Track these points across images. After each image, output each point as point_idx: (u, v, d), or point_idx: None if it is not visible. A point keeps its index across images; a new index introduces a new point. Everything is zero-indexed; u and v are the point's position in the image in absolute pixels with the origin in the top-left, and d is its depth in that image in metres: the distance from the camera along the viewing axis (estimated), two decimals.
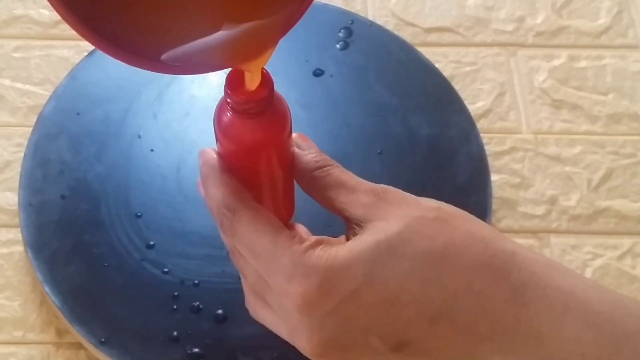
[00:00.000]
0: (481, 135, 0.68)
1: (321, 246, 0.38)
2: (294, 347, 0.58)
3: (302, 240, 0.39)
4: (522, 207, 0.66)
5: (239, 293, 0.59)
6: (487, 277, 0.37)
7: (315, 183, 0.42)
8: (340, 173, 0.41)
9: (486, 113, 0.71)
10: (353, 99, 0.69)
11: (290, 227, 0.42)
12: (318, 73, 0.70)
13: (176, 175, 0.64)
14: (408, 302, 0.37)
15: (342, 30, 0.72)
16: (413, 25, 0.75)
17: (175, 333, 0.57)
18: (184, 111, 0.67)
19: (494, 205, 0.65)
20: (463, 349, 0.38)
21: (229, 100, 0.38)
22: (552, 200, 0.67)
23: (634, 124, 0.71)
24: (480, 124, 0.69)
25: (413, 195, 0.41)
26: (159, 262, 0.60)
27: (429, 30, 0.75)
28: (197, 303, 0.58)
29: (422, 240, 0.38)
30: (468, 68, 0.73)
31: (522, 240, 0.65)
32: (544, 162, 0.69)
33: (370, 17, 0.75)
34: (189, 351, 0.57)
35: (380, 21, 0.74)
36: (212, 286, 0.59)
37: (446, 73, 0.71)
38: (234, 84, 0.38)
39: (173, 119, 0.66)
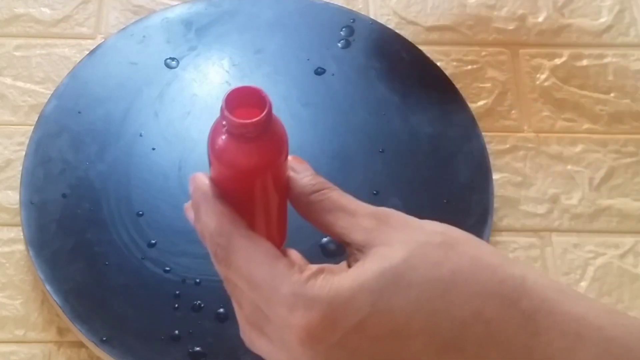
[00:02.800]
0: (483, 133, 0.67)
1: (323, 275, 0.37)
2: None
3: (302, 270, 0.37)
4: (524, 205, 0.66)
5: None
6: (497, 304, 0.36)
7: (312, 207, 0.40)
8: (338, 196, 0.40)
9: (488, 112, 0.71)
10: (355, 98, 0.69)
11: (283, 252, 0.39)
12: (320, 72, 0.70)
13: (177, 174, 0.64)
14: (416, 333, 0.36)
15: (343, 29, 0.72)
16: (414, 23, 0.75)
17: (176, 332, 0.57)
18: (185, 110, 0.67)
19: (496, 203, 0.65)
20: None
21: (224, 122, 0.37)
22: (554, 199, 0.67)
23: (636, 123, 0.71)
24: (482, 123, 0.69)
25: (416, 219, 0.39)
26: (160, 260, 0.60)
27: (431, 29, 0.75)
28: (199, 302, 0.58)
29: (428, 267, 0.36)
30: (470, 67, 0.73)
31: (523, 239, 0.65)
32: (545, 160, 0.68)
33: (371, 16, 0.75)
34: (190, 350, 0.57)
35: (381, 20, 0.74)
36: (214, 285, 0.59)
37: (448, 72, 0.71)
38: (231, 105, 0.37)
39: (174, 118, 0.66)
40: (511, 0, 0.77)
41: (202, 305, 0.58)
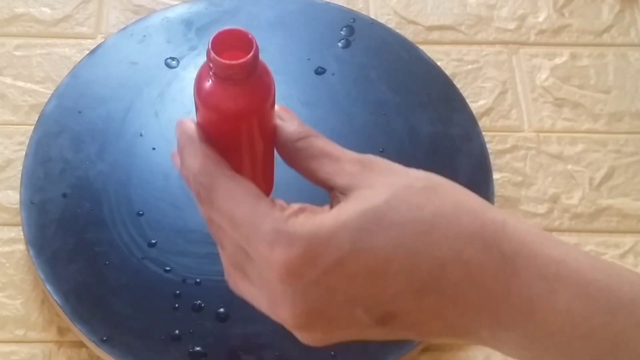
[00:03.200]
0: (483, 133, 0.68)
1: (304, 213, 0.37)
2: (295, 346, 0.58)
3: (283, 208, 0.37)
4: (524, 205, 0.66)
5: None
6: (477, 246, 0.36)
7: (297, 154, 0.40)
8: (323, 143, 0.40)
9: (488, 111, 0.71)
10: (355, 97, 0.69)
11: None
12: (320, 71, 0.70)
13: (178, 174, 0.63)
14: (395, 273, 0.36)
15: (344, 29, 0.72)
16: (415, 23, 0.75)
17: (176, 331, 0.57)
18: (186, 109, 0.67)
19: (496, 203, 0.65)
20: (451, 321, 0.37)
21: (211, 65, 0.37)
22: (554, 199, 0.67)
23: (636, 122, 0.71)
24: (482, 122, 0.69)
25: (400, 165, 0.39)
26: (160, 260, 0.60)
27: (431, 29, 0.75)
28: (199, 301, 0.58)
29: (410, 209, 0.36)
30: (470, 66, 0.73)
31: None
32: (545, 160, 0.69)
33: (372, 16, 0.75)
34: (190, 350, 0.57)
35: (382, 19, 0.74)
36: (214, 284, 0.59)
37: (448, 71, 0.71)
38: (218, 47, 0.37)
39: (175, 117, 0.65)
40: (511, 0, 0.77)
41: (203, 305, 0.58)
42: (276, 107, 0.40)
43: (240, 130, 0.39)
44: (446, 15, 0.76)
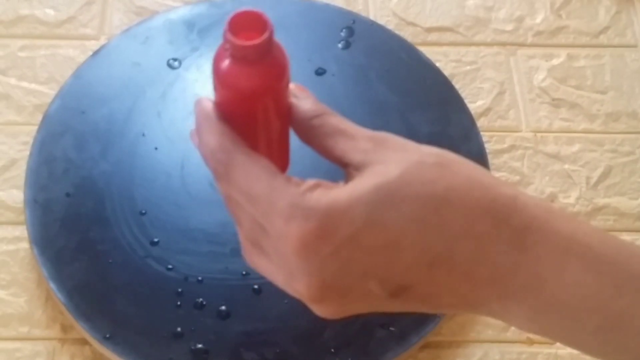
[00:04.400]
0: (481, 133, 0.68)
1: (319, 189, 0.37)
2: (296, 343, 0.58)
3: (299, 184, 0.38)
4: None
5: (242, 289, 0.60)
6: (488, 221, 0.37)
7: (313, 132, 0.40)
8: (338, 121, 0.40)
9: (486, 112, 0.71)
10: (354, 98, 0.69)
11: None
12: (320, 72, 0.70)
13: (180, 173, 0.64)
14: (408, 246, 0.37)
15: (343, 30, 0.73)
16: (414, 24, 0.76)
17: (179, 329, 0.58)
18: (188, 110, 0.67)
19: None
20: (462, 294, 0.38)
21: (227, 46, 0.38)
22: (552, 198, 0.67)
23: (633, 122, 0.71)
24: (480, 123, 0.70)
25: (413, 142, 0.40)
26: (163, 258, 0.60)
27: (430, 30, 0.75)
28: (201, 299, 0.59)
29: (422, 184, 0.37)
30: (468, 67, 0.73)
31: None
32: (543, 160, 0.69)
33: (371, 17, 0.75)
34: (192, 347, 0.57)
35: (381, 21, 0.75)
36: (216, 282, 0.60)
37: (446, 72, 0.72)
38: (234, 28, 0.38)
39: (177, 118, 0.67)
40: (509, 2, 0.77)
41: (204, 302, 0.59)
42: (291, 85, 0.41)
43: (255, 108, 0.40)
44: (445, 16, 0.76)
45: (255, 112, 0.40)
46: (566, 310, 0.37)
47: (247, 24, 0.38)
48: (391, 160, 0.38)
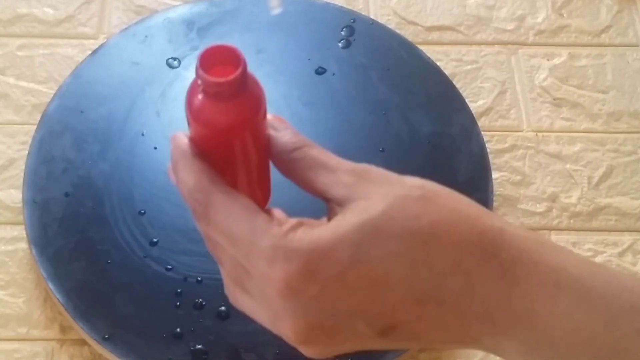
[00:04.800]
0: (482, 133, 0.68)
1: (302, 228, 0.36)
2: None
3: (281, 223, 0.37)
4: (523, 204, 0.67)
5: None
6: (476, 255, 0.36)
7: (293, 165, 0.39)
8: (318, 153, 0.39)
9: (487, 111, 0.71)
10: (355, 97, 0.69)
11: (267, 212, 0.39)
12: (320, 71, 0.70)
13: None
14: (395, 284, 0.36)
15: (344, 29, 0.72)
16: (414, 23, 0.75)
17: (178, 329, 0.58)
18: None
19: (495, 202, 0.66)
20: (452, 330, 0.37)
21: (200, 82, 0.37)
22: (553, 198, 0.67)
23: (634, 122, 0.71)
24: (482, 122, 0.70)
25: (395, 174, 0.39)
26: (162, 259, 0.60)
27: (431, 29, 0.75)
28: (200, 300, 0.59)
29: (407, 219, 0.36)
30: (469, 66, 0.73)
31: None
32: (544, 159, 0.69)
33: (372, 16, 0.75)
34: (192, 347, 0.57)
35: (382, 20, 0.75)
36: (215, 283, 0.59)
37: (447, 71, 0.72)
38: (206, 64, 0.36)
39: (176, 117, 0.67)
40: (510, 1, 0.77)
41: (204, 303, 0.59)
42: (269, 116, 0.40)
43: (232, 144, 0.39)
44: (445, 15, 0.76)
45: (232, 147, 0.39)
46: (558, 344, 0.37)
47: (220, 58, 0.37)
48: (374, 195, 0.37)
